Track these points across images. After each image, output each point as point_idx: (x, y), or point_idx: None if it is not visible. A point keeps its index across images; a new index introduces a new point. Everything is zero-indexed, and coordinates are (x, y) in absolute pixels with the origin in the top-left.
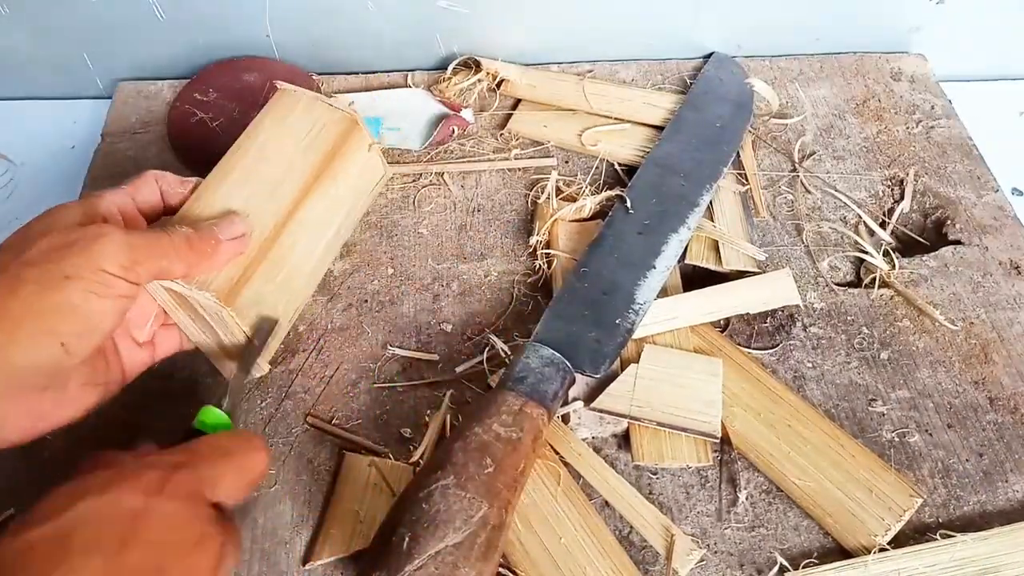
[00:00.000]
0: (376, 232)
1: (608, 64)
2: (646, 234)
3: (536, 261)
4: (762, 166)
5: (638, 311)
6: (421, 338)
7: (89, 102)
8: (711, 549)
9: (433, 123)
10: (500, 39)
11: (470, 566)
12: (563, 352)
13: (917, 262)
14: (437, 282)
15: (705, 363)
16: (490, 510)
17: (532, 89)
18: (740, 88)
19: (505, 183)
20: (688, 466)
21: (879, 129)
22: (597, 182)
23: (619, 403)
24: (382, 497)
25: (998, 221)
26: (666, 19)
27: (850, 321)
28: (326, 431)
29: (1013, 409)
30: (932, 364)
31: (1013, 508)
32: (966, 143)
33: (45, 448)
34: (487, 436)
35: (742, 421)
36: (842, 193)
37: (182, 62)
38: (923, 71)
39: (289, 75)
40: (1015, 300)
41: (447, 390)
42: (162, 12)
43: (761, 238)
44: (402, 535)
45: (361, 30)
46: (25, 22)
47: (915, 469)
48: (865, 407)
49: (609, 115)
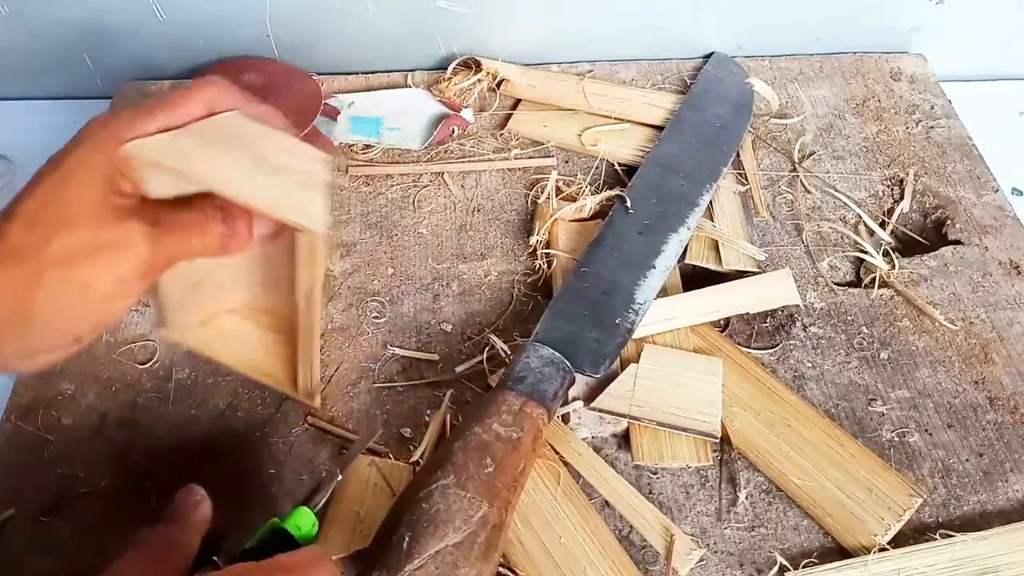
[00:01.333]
0: (376, 232)
1: (608, 64)
2: (646, 234)
3: (536, 261)
4: (762, 166)
5: (638, 311)
6: (421, 338)
7: (89, 102)
8: (711, 549)
9: (433, 123)
10: (500, 39)
11: (470, 566)
12: (563, 352)
13: (917, 262)
14: (437, 282)
15: (705, 363)
16: (490, 510)
17: (532, 89)
18: (740, 88)
19: (505, 183)
20: (688, 466)
21: (879, 129)
22: (597, 182)
23: (619, 403)
24: (382, 497)
25: (998, 221)
26: (666, 19)
27: (850, 321)
28: (326, 431)
29: (1013, 409)
30: (932, 364)
31: (1013, 508)
32: (966, 143)
33: (45, 448)
34: (487, 436)
35: (742, 421)
36: (842, 193)
37: (182, 62)
38: (923, 71)
39: (289, 75)
40: (1015, 300)
41: (447, 390)
42: (162, 12)
43: (761, 238)
44: (402, 535)
45: (361, 30)
46: (25, 22)
47: (915, 469)
48: (865, 407)
49: (609, 115)
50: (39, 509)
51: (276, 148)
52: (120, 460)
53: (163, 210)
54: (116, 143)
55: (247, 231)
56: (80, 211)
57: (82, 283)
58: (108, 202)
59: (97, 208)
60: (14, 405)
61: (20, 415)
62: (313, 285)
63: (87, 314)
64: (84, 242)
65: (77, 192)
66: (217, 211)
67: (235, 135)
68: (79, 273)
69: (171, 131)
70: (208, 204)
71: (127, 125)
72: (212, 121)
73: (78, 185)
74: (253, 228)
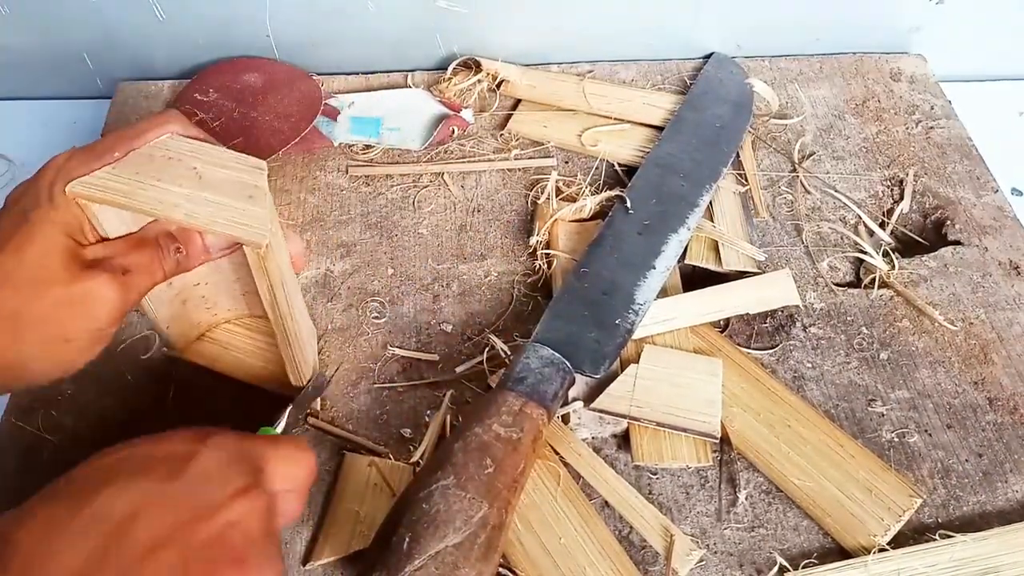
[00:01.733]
0: (376, 232)
1: (608, 64)
2: (646, 234)
3: (536, 261)
4: (762, 166)
5: (638, 311)
6: (421, 338)
7: (89, 102)
8: (711, 549)
9: (433, 123)
10: (500, 39)
11: (470, 566)
12: (563, 352)
13: (917, 262)
14: (437, 282)
15: (705, 363)
16: (490, 510)
17: (532, 89)
18: (740, 88)
19: (505, 183)
20: (688, 466)
21: (879, 129)
22: (597, 182)
23: (619, 403)
24: (382, 497)
25: (998, 221)
26: (666, 19)
27: (850, 321)
28: (326, 431)
29: (1012, 409)
30: (932, 364)
31: (1012, 508)
32: (966, 143)
33: (45, 448)
34: (487, 436)
35: (742, 421)
36: (842, 193)
37: (182, 62)
38: (923, 71)
39: (289, 75)
40: (1015, 300)
41: (447, 390)
42: (162, 12)
43: (761, 238)
44: (402, 535)
45: (361, 30)
46: (25, 22)
47: (915, 469)
48: (865, 407)
49: (609, 115)
50: None
51: (212, 163)
52: None
53: (124, 250)
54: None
55: (202, 247)
56: (52, 269)
57: (62, 338)
58: (76, 256)
59: (67, 264)
60: (14, 405)
61: (20, 415)
62: (273, 295)
63: (69, 360)
64: (59, 299)
65: (45, 250)
66: (170, 240)
67: (171, 157)
68: (59, 329)
69: (108, 165)
70: (162, 234)
71: (80, 167)
72: (148, 147)
73: (45, 241)
74: (207, 243)
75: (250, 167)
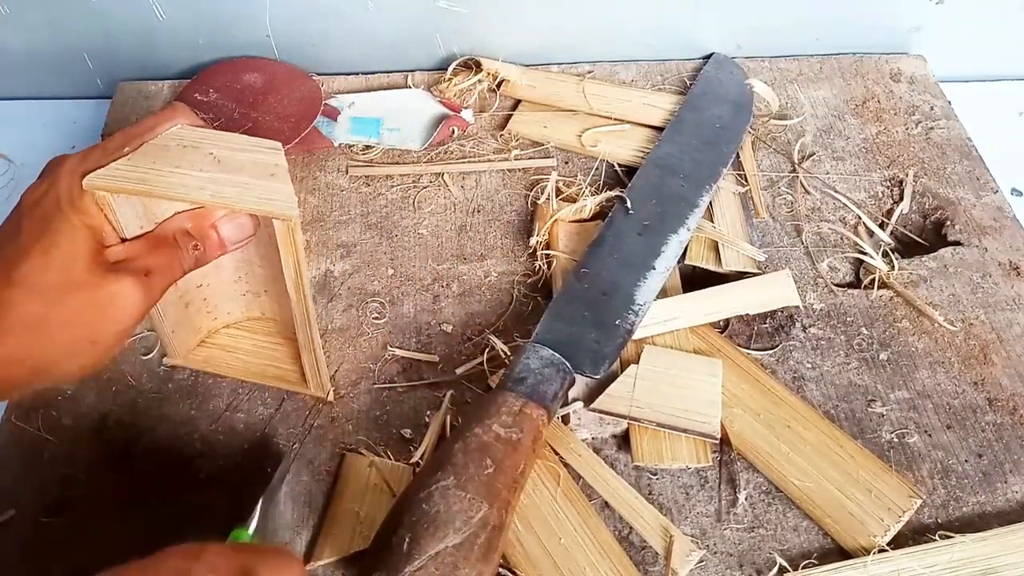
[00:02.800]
0: (376, 233)
1: (608, 64)
2: (646, 235)
3: (536, 262)
4: (762, 167)
5: (638, 312)
6: (421, 339)
7: (89, 102)
8: (710, 550)
9: (433, 123)
10: (500, 39)
11: (470, 567)
12: (563, 353)
13: (916, 263)
14: (437, 283)
15: (705, 364)
16: (490, 511)
17: (532, 89)
18: (740, 89)
19: (505, 184)
20: (688, 467)
21: (878, 130)
22: (597, 183)
23: (619, 404)
24: (382, 497)
25: (997, 222)
26: (666, 19)
27: (849, 322)
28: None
29: (1012, 410)
30: (931, 365)
31: (1012, 509)
32: (965, 144)
33: (45, 448)
34: (487, 437)
35: (741, 422)
36: (841, 194)
37: (182, 62)
38: (923, 72)
39: (289, 75)
40: (1014, 301)
41: (447, 391)
42: (162, 12)
43: (761, 239)
44: (402, 536)
45: (361, 30)
46: (25, 22)
47: (914, 470)
48: (864, 408)
49: (609, 116)
50: (39, 509)
51: (228, 147)
52: (120, 460)
53: (145, 250)
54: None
55: (218, 242)
56: (78, 274)
57: (89, 340)
58: (99, 259)
59: (92, 267)
60: (14, 405)
61: (20, 415)
62: (300, 272)
63: (94, 360)
64: (85, 302)
65: (70, 255)
66: (188, 237)
67: (186, 146)
68: (86, 332)
69: (122, 157)
70: (179, 231)
71: (95, 166)
72: (161, 138)
73: (69, 246)
74: (223, 236)
75: (266, 148)
